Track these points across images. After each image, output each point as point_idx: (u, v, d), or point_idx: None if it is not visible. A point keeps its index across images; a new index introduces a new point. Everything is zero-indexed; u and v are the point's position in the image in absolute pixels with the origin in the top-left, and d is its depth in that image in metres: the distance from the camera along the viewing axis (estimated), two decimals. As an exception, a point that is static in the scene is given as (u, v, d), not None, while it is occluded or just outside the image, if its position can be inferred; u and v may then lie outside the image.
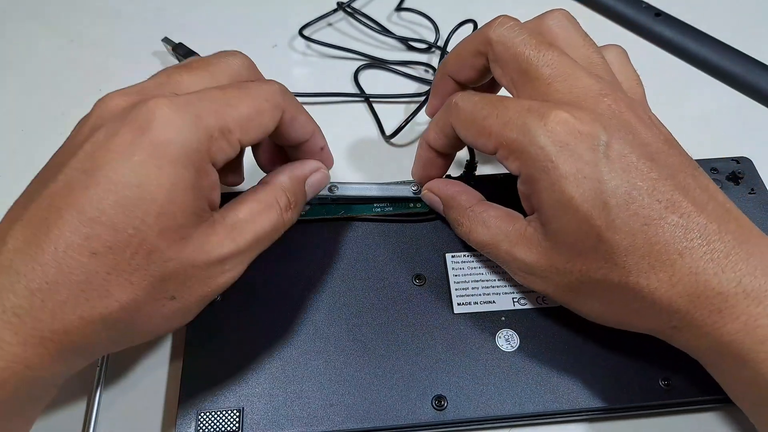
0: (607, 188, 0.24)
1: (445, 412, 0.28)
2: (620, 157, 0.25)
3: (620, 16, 0.48)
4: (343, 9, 0.49)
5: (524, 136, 0.26)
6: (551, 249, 0.27)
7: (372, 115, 0.43)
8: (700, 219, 0.24)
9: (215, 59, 0.28)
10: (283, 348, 0.30)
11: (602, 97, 0.26)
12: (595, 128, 0.25)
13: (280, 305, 0.31)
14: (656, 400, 0.28)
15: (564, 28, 0.29)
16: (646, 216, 0.24)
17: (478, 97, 0.29)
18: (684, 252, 0.24)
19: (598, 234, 0.25)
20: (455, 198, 0.32)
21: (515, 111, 0.26)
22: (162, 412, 0.30)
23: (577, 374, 0.29)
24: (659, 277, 0.24)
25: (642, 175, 0.24)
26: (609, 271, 0.25)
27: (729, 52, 0.45)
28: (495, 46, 0.28)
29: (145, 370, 0.31)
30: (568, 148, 0.25)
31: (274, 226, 0.28)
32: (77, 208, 0.22)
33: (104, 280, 0.23)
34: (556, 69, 0.27)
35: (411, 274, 0.32)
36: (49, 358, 0.22)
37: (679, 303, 0.24)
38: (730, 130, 0.41)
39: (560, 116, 0.25)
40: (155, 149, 0.23)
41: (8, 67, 0.46)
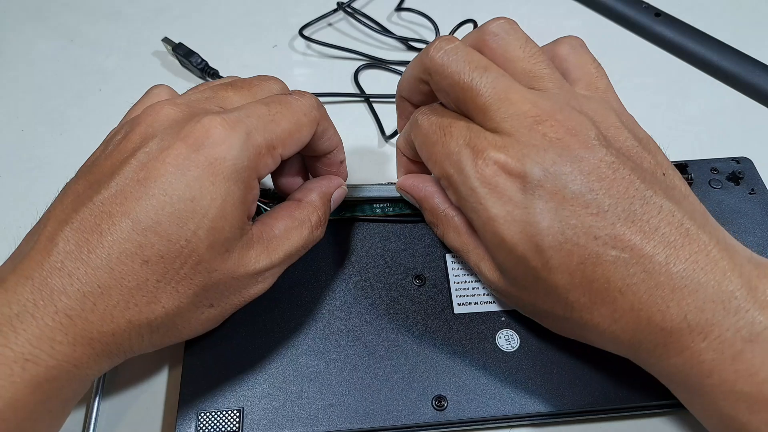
0: (538, 230, 0.24)
1: (446, 412, 0.28)
2: (553, 194, 0.24)
3: (620, 16, 0.48)
4: (343, 9, 0.49)
5: (458, 174, 0.26)
6: (504, 277, 0.27)
7: (372, 115, 0.43)
8: (645, 250, 0.23)
9: (257, 80, 0.30)
10: (283, 348, 0.30)
11: (537, 125, 0.25)
12: (527, 165, 0.24)
13: (280, 305, 0.31)
14: (656, 400, 0.28)
15: (502, 42, 0.27)
16: (581, 255, 0.23)
17: (434, 117, 0.28)
18: (625, 289, 0.23)
19: (535, 274, 0.25)
20: (428, 199, 0.31)
21: (456, 142, 0.26)
22: (162, 412, 0.30)
23: (577, 374, 0.29)
24: (601, 313, 0.24)
25: (576, 213, 0.23)
26: (554, 305, 0.25)
27: (729, 52, 0.45)
28: (433, 76, 0.28)
29: (145, 371, 0.31)
30: (497, 190, 0.25)
31: (305, 242, 0.29)
32: (132, 216, 0.23)
33: (154, 287, 0.24)
34: (491, 96, 0.26)
35: (411, 274, 0.32)
36: (95, 358, 0.23)
37: (623, 337, 0.24)
38: (730, 130, 0.41)
39: (491, 156, 0.25)
40: (209, 166, 0.24)
41: (8, 67, 0.46)
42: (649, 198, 0.24)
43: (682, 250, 0.23)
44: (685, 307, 0.22)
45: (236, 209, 0.25)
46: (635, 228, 0.23)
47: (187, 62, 0.44)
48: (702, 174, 0.36)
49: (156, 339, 0.25)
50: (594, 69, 0.29)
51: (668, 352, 0.23)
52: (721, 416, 0.23)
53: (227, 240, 0.25)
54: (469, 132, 0.26)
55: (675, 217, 0.23)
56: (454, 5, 0.50)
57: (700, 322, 0.22)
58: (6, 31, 0.48)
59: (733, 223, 0.34)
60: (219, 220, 0.24)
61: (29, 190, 0.39)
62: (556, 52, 0.29)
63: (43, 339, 0.22)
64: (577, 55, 0.29)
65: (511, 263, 0.26)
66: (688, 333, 0.22)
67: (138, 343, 0.25)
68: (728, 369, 0.22)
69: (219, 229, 0.24)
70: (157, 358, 0.31)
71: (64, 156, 0.40)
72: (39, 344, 0.22)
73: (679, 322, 0.23)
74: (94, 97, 0.44)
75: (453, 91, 0.27)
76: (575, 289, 0.24)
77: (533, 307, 0.27)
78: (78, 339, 0.23)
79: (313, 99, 0.29)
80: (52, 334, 0.22)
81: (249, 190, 0.25)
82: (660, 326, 0.23)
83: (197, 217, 0.24)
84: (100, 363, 0.24)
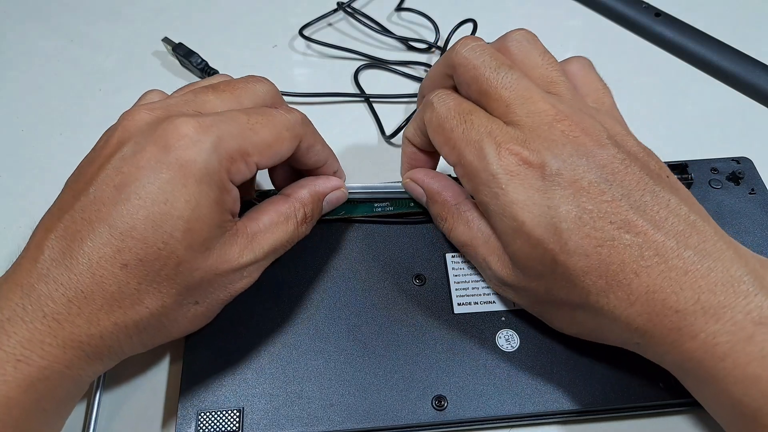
0: (557, 213, 0.25)
1: (446, 412, 0.28)
2: (571, 183, 0.25)
3: (620, 16, 0.48)
4: (343, 9, 0.49)
5: (479, 161, 0.26)
6: (516, 268, 0.27)
7: (372, 115, 0.43)
8: (657, 237, 0.24)
9: (242, 83, 0.29)
10: (283, 348, 0.30)
11: (556, 123, 0.26)
12: (546, 157, 0.25)
13: (280, 305, 0.31)
14: (656, 400, 0.28)
15: (523, 49, 0.29)
16: (598, 238, 0.24)
17: (452, 102, 0.29)
18: (640, 271, 0.24)
19: (553, 257, 0.25)
20: (441, 193, 0.31)
21: (477, 131, 0.27)
22: (162, 412, 0.30)
23: (577, 374, 0.29)
24: (617, 296, 0.25)
25: (593, 199, 0.25)
26: (569, 291, 0.26)
27: (729, 52, 0.45)
28: (458, 69, 0.29)
29: (145, 370, 0.31)
30: (518, 177, 0.26)
31: (290, 237, 0.29)
32: (108, 222, 0.24)
33: (136, 290, 0.24)
34: (514, 91, 0.27)
35: (411, 274, 0.32)
36: (86, 359, 0.24)
37: (638, 321, 0.24)
38: (731, 130, 0.41)
39: (513, 148, 0.26)
40: (180, 168, 0.24)
41: (8, 67, 0.46)
42: (657, 192, 0.25)
43: (690, 239, 0.24)
44: (697, 289, 0.23)
45: (212, 210, 0.25)
46: (646, 217, 0.24)
47: (187, 62, 0.44)
48: (702, 174, 0.36)
49: (145, 339, 0.26)
50: (601, 87, 0.31)
51: (682, 336, 0.24)
52: (733, 403, 0.23)
53: (206, 240, 0.25)
54: (491, 123, 0.27)
55: (682, 210, 0.25)
56: (454, 5, 0.50)
57: (713, 305, 0.23)
58: (6, 31, 0.48)
59: (733, 223, 0.34)
60: (194, 221, 0.24)
61: (29, 190, 0.39)
62: (566, 69, 0.31)
63: (34, 342, 0.23)
64: (586, 73, 0.31)
65: (528, 249, 0.26)
66: (702, 315, 0.23)
67: (128, 344, 0.25)
68: (741, 352, 0.22)
69: (196, 230, 0.25)
70: (158, 358, 0.31)
71: (64, 156, 0.40)
72: (30, 346, 0.23)
73: (693, 304, 0.23)
74: (94, 97, 0.44)
75: (476, 83, 0.28)
76: (592, 272, 0.25)
77: (545, 297, 0.27)
78: (67, 342, 0.23)
79: (298, 115, 0.29)
80: (41, 337, 0.23)
81: (224, 192, 0.26)
82: (674, 308, 0.23)
83: (172, 219, 0.24)
84: (92, 365, 0.25)
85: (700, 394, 0.25)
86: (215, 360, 0.29)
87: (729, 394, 0.23)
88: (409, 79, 0.45)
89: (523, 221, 0.25)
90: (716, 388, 0.24)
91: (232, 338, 0.30)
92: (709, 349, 0.23)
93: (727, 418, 0.25)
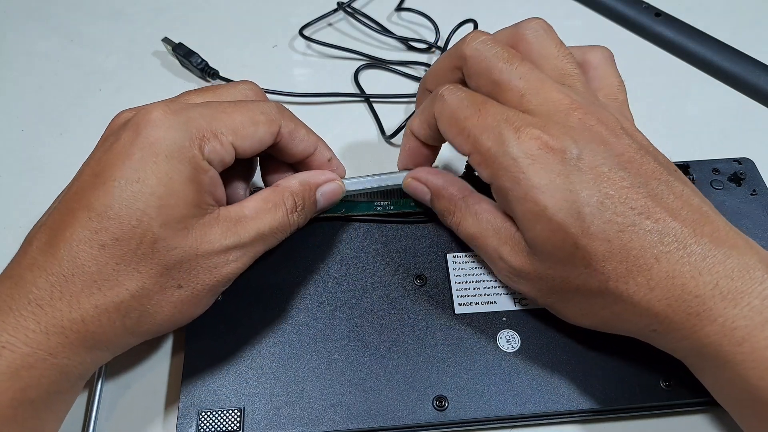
0: (579, 197, 0.25)
1: (446, 413, 0.28)
2: (592, 168, 0.25)
3: (620, 16, 0.48)
4: (343, 9, 0.49)
5: (498, 146, 0.26)
6: (533, 255, 0.27)
7: (372, 115, 0.43)
8: (674, 224, 0.25)
9: (225, 85, 0.31)
10: (284, 348, 0.30)
11: (572, 110, 0.26)
12: (566, 143, 0.25)
13: (281, 305, 0.31)
14: (657, 400, 0.28)
15: (538, 39, 0.29)
16: (620, 223, 0.25)
17: (464, 93, 0.29)
18: (660, 256, 0.24)
19: (575, 241, 0.25)
20: (446, 187, 0.31)
21: (494, 118, 0.27)
22: (163, 411, 0.30)
23: (579, 375, 0.29)
24: (637, 281, 0.25)
25: (614, 184, 0.25)
26: (588, 276, 0.26)
27: (729, 52, 0.45)
28: (469, 60, 0.29)
29: (146, 370, 0.31)
30: (539, 161, 0.26)
31: (279, 224, 0.29)
32: (87, 206, 0.25)
33: (114, 270, 0.25)
34: (528, 82, 0.27)
35: (412, 274, 0.32)
36: (70, 347, 0.24)
37: (658, 307, 0.25)
38: (732, 131, 0.41)
39: (532, 132, 0.26)
40: (150, 146, 0.25)
41: (8, 67, 0.46)
42: (671, 182, 0.26)
43: (704, 228, 0.25)
44: (715, 274, 0.24)
45: (186, 187, 0.25)
46: (663, 205, 0.25)
47: (187, 62, 0.44)
48: (703, 175, 0.36)
49: (130, 325, 0.26)
50: (617, 83, 0.31)
51: (702, 321, 0.24)
52: (749, 388, 0.23)
53: (182, 217, 0.26)
54: (506, 111, 0.27)
55: (695, 200, 0.26)
56: (454, 5, 0.50)
57: (731, 290, 0.24)
58: (6, 31, 0.48)
59: (735, 224, 0.33)
60: (168, 197, 0.25)
61: (29, 190, 0.39)
62: (587, 58, 0.31)
63: (18, 328, 0.24)
64: (606, 66, 0.31)
65: (549, 233, 0.26)
66: (720, 300, 0.24)
67: (112, 331, 0.25)
68: (759, 336, 0.23)
69: (170, 207, 0.25)
70: (159, 358, 0.31)
71: (64, 156, 0.40)
72: (15, 333, 0.23)
73: (712, 289, 0.24)
74: (94, 97, 0.44)
75: (489, 73, 0.28)
76: (613, 258, 0.25)
77: (561, 285, 0.27)
78: (50, 327, 0.24)
79: (273, 102, 0.30)
80: (26, 323, 0.24)
81: (199, 170, 0.26)
82: (694, 293, 0.24)
83: (144, 196, 0.25)
84: (78, 354, 0.25)
85: (714, 380, 0.26)
86: (216, 359, 0.29)
87: (745, 378, 0.23)
88: (409, 79, 0.45)
89: (545, 205, 0.25)
90: (733, 372, 0.24)
91: (233, 338, 0.30)
92: (727, 333, 0.24)
93: (739, 404, 0.25)
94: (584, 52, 0.31)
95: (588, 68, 0.31)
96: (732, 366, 0.24)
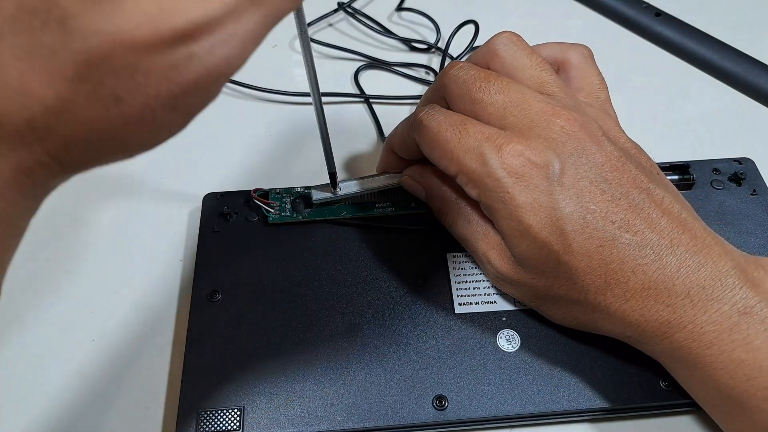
0: (562, 215, 0.26)
1: (446, 412, 0.28)
2: (574, 183, 0.26)
3: (620, 16, 0.48)
4: (344, 9, 0.49)
5: (482, 167, 0.27)
6: (518, 265, 0.28)
7: (371, 116, 0.43)
8: (652, 236, 0.25)
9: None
10: (284, 347, 0.30)
11: (554, 118, 0.27)
12: (548, 157, 0.26)
13: (281, 304, 0.31)
14: (657, 400, 0.28)
15: (509, 52, 0.29)
16: (600, 238, 0.26)
17: (442, 116, 0.29)
18: (637, 269, 0.25)
19: (557, 258, 0.26)
20: (440, 188, 0.31)
21: (474, 138, 0.27)
22: (163, 410, 0.30)
23: (579, 374, 0.29)
24: (614, 293, 0.26)
25: (594, 198, 0.26)
26: (569, 288, 0.27)
27: (729, 52, 0.45)
28: (448, 87, 0.29)
29: (145, 369, 0.31)
30: (523, 179, 0.26)
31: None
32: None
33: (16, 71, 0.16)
34: (507, 95, 0.27)
35: (412, 273, 0.32)
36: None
37: (632, 316, 0.26)
38: (732, 131, 0.41)
39: (515, 148, 0.26)
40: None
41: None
42: (652, 190, 0.26)
43: (682, 236, 0.26)
44: (688, 284, 0.25)
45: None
46: (643, 216, 0.26)
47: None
48: (703, 175, 0.36)
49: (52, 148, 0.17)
50: (598, 81, 0.31)
51: (672, 328, 0.25)
52: (719, 387, 0.25)
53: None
54: (487, 129, 0.27)
55: (674, 207, 0.26)
56: (454, 5, 0.50)
57: (701, 298, 0.25)
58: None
59: (735, 224, 0.34)
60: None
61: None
62: (567, 57, 0.31)
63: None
64: (585, 65, 0.31)
65: (533, 250, 0.26)
66: (691, 308, 0.25)
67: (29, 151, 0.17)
68: (726, 339, 0.24)
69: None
70: (158, 357, 0.31)
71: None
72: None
73: (683, 299, 0.25)
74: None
75: (469, 93, 0.28)
76: (593, 272, 0.26)
77: (544, 293, 0.28)
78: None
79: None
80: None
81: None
82: (666, 303, 0.25)
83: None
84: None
85: (688, 381, 0.27)
86: (216, 358, 0.29)
87: (715, 378, 0.25)
88: (409, 80, 0.45)
89: (530, 224, 0.26)
90: (703, 373, 0.25)
91: (233, 337, 0.30)
92: (696, 338, 0.25)
93: (713, 403, 0.26)
94: (563, 50, 0.32)
95: (568, 68, 0.31)
96: (702, 367, 0.25)
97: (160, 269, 0.34)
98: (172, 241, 0.36)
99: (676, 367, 0.27)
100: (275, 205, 0.34)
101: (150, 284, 0.34)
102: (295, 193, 0.35)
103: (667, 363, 0.27)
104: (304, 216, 0.34)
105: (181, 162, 0.39)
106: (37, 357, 0.31)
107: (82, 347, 0.32)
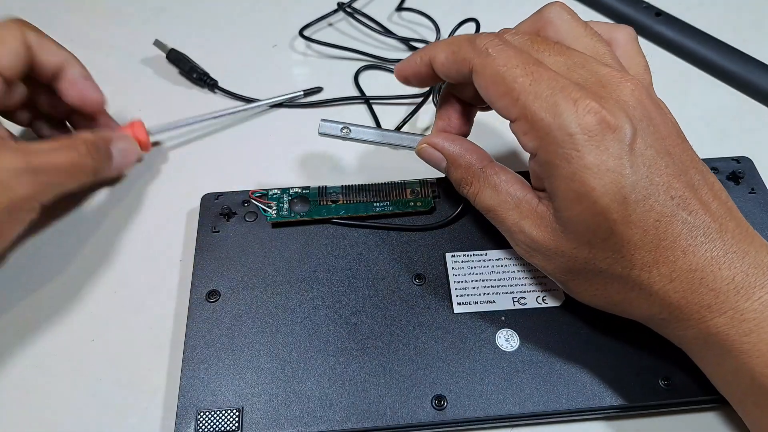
0: (628, 182, 0.24)
1: (445, 412, 0.28)
2: (642, 152, 0.25)
3: (620, 15, 0.48)
4: (344, 9, 0.49)
5: (554, 117, 0.25)
6: (560, 233, 0.26)
7: (372, 116, 0.43)
8: (705, 218, 0.25)
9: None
10: (282, 347, 0.30)
11: (624, 81, 0.26)
12: (622, 120, 0.24)
13: (279, 304, 0.31)
14: (657, 399, 0.28)
15: (564, 21, 0.29)
16: (659, 212, 0.24)
17: (512, 51, 0.26)
18: (687, 249, 0.25)
19: (611, 228, 0.25)
20: (464, 155, 0.30)
21: (548, 85, 0.25)
22: (162, 411, 0.30)
23: (578, 374, 0.29)
24: (660, 272, 0.25)
25: (660, 171, 0.25)
26: (614, 262, 0.25)
27: (729, 52, 0.45)
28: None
29: (144, 370, 0.31)
30: (594, 139, 0.24)
31: (72, 162, 0.31)
32: None
33: None
34: (569, 57, 0.27)
35: (411, 273, 0.32)
36: None
37: (673, 297, 0.25)
38: (731, 130, 0.41)
39: (591, 105, 0.24)
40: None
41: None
42: (705, 173, 0.26)
43: (729, 223, 0.25)
44: (734, 269, 0.24)
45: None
46: (698, 197, 0.25)
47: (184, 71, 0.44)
48: (702, 173, 0.36)
49: None
50: (644, 63, 0.30)
51: (712, 312, 0.25)
52: (754, 375, 0.24)
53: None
54: (561, 79, 0.25)
55: (723, 193, 0.26)
56: (454, 5, 0.50)
57: (745, 285, 0.24)
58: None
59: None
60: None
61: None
62: (613, 36, 0.30)
63: None
64: (632, 46, 0.30)
65: (587, 216, 0.25)
66: (734, 294, 0.24)
67: None
68: (767, 328, 0.24)
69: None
70: (157, 357, 0.31)
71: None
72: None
73: (728, 284, 0.24)
74: (94, 97, 0.44)
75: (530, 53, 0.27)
76: (644, 246, 0.25)
77: (582, 266, 0.26)
78: None
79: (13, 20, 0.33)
80: None
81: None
82: (710, 287, 0.24)
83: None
84: None
85: (718, 369, 0.26)
86: (215, 359, 0.29)
87: (750, 367, 0.24)
88: (409, 79, 0.45)
89: (593, 187, 0.24)
90: (737, 361, 0.24)
91: (232, 337, 0.30)
92: (736, 324, 0.24)
93: (744, 393, 0.25)
94: (610, 30, 0.30)
95: (615, 47, 0.30)
96: (737, 355, 0.24)
97: (158, 269, 0.34)
98: (171, 241, 0.36)
99: (706, 354, 0.26)
100: (273, 205, 0.34)
101: (149, 284, 0.34)
102: (292, 193, 0.35)
103: (695, 349, 0.26)
104: (302, 215, 0.34)
105: (179, 162, 0.39)
106: (37, 357, 0.31)
107: (82, 347, 0.32)
